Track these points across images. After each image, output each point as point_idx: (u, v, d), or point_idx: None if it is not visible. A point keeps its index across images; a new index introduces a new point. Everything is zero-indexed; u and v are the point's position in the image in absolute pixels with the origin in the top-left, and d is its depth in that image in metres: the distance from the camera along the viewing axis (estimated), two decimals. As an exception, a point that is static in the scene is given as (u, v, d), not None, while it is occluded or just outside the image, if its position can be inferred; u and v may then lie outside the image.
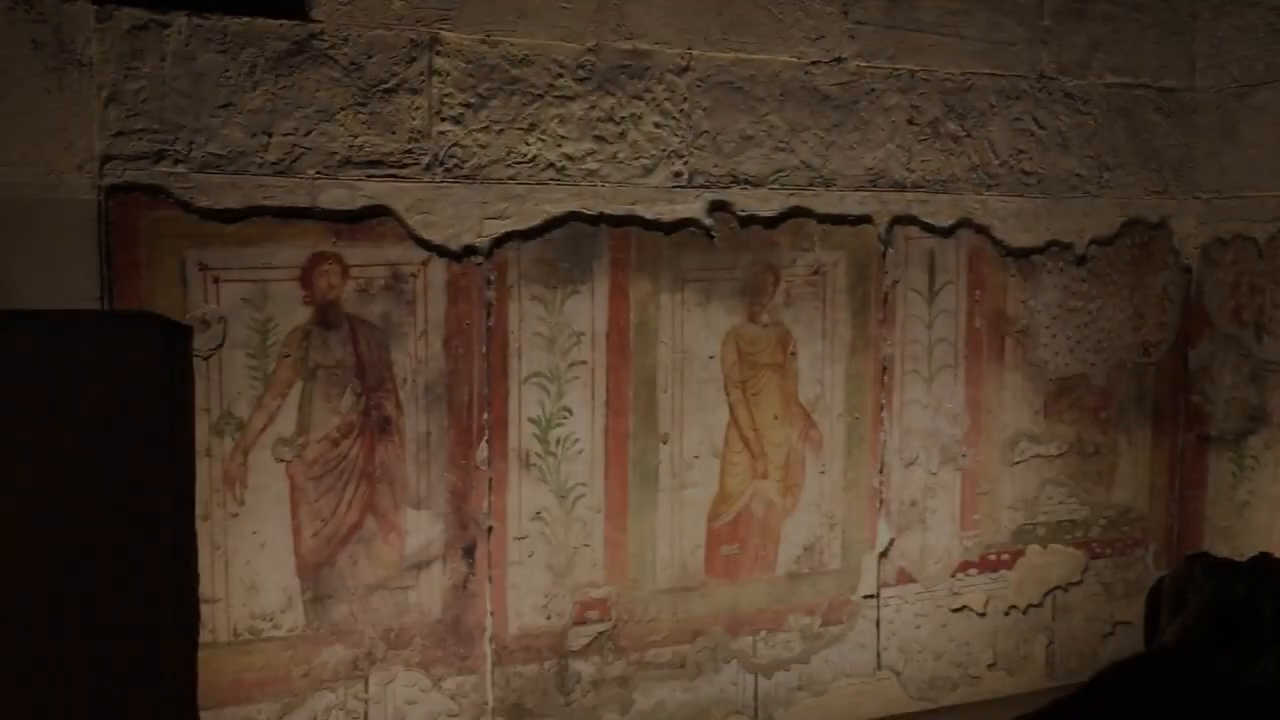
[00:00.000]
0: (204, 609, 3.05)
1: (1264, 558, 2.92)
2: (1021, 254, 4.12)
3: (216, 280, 3.02)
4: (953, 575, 4.10)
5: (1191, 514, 4.45)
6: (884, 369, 3.93)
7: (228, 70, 3.00)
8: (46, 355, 1.71)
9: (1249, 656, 2.67)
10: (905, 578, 4.02)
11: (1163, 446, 4.45)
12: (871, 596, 3.97)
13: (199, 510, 2.95)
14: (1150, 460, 4.43)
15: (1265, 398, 4.14)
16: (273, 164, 3.06)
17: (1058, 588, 4.27)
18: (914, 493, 4.01)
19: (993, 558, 4.17)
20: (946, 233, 3.99)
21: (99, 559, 1.72)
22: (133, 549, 1.72)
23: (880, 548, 3.97)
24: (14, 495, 1.70)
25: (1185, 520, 4.48)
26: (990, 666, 4.18)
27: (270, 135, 3.06)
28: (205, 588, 3.05)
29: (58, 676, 1.72)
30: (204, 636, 3.05)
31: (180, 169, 2.97)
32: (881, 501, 3.96)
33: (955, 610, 4.12)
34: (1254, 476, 4.19)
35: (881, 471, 3.95)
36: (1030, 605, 4.24)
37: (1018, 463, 4.18)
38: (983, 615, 4.16)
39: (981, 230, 4.04)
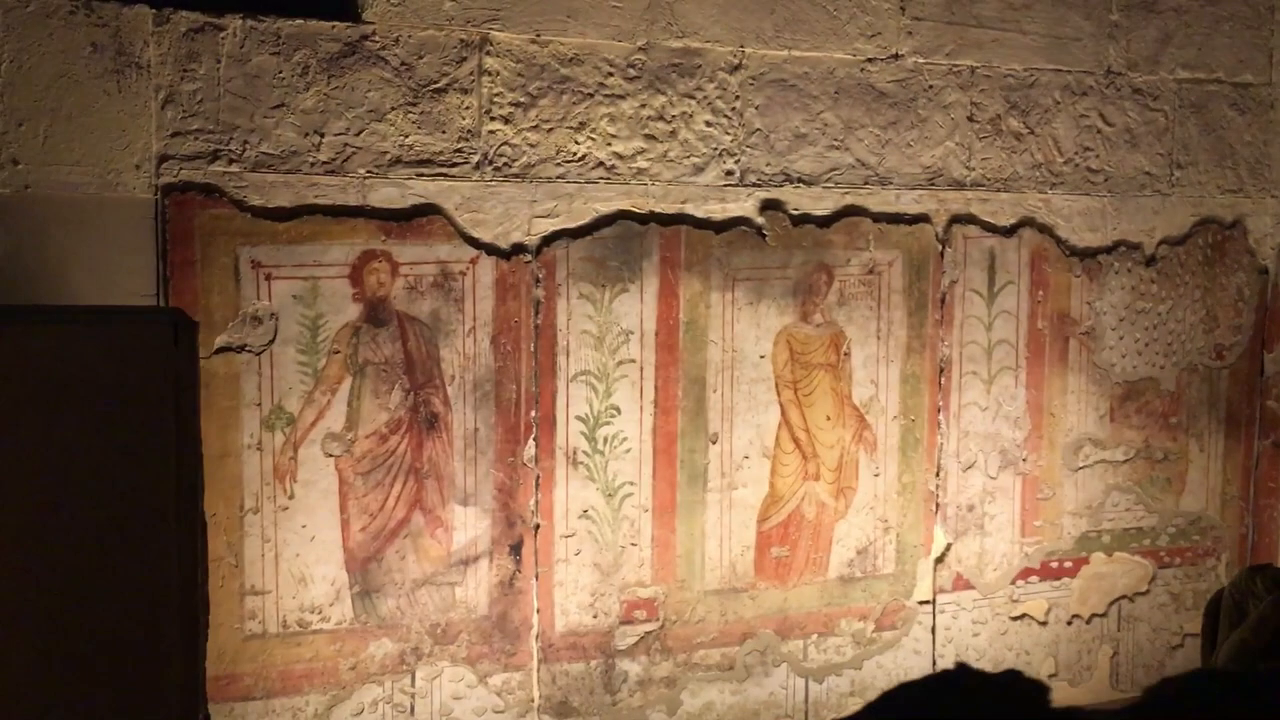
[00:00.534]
0: (254, 600, 3.11)
1: (1331, 569, 2.81)
2: (1087, 254, 4.01)
3: (269, 277, 3.07)
4: (1012, 582, 4.01)
5: (1266, 523, 4.30)
6: (941, 370, 3.86)
7: (281, 71, 3.06)
8: (51, 350, 1.76)
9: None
10: (963, 584, 3.95)
11: (1236, 453, 4.30)
12: (927, 602, 3.90)
13: (249, 503, 3.04)
14: (1223, 467, 4.29)
15: (1345, 404, 3.98)
16: (324, 163, 3.11)
17: (1123, 597, 4.16)
18: (972, 497, 3.93)
19: (1055, 565, 4.07)
20: (1008, 232, 3.90)
21: (102, 548, 1.76)
22: (134, 539, 1.75)
23: (936, 553, 3.90)
24: (18, 486, 1.74)
25: (1259, 530, 4.33)
26: (1051, 677, 4.07)
27: (322, 135, 3.11)
28: (255, 579, 3.11)
29: (64, 667, 1.76)
30: (254, 628, 3.12)
31: (234, 168, 3.03)
32: (938, 505, 3.89)
33: (1015, 618, 4.02)
34: (1333, 486, 4.03)
35: (938, 475, 3.88)
36: (1094, 615, 4.12)
37: (1081, 468, 4.07)
38: (1044, 624, 4.06)
39: (1045, 230, 3.95)
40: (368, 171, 3.16)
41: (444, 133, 3.23)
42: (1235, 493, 4.32)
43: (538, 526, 3.40)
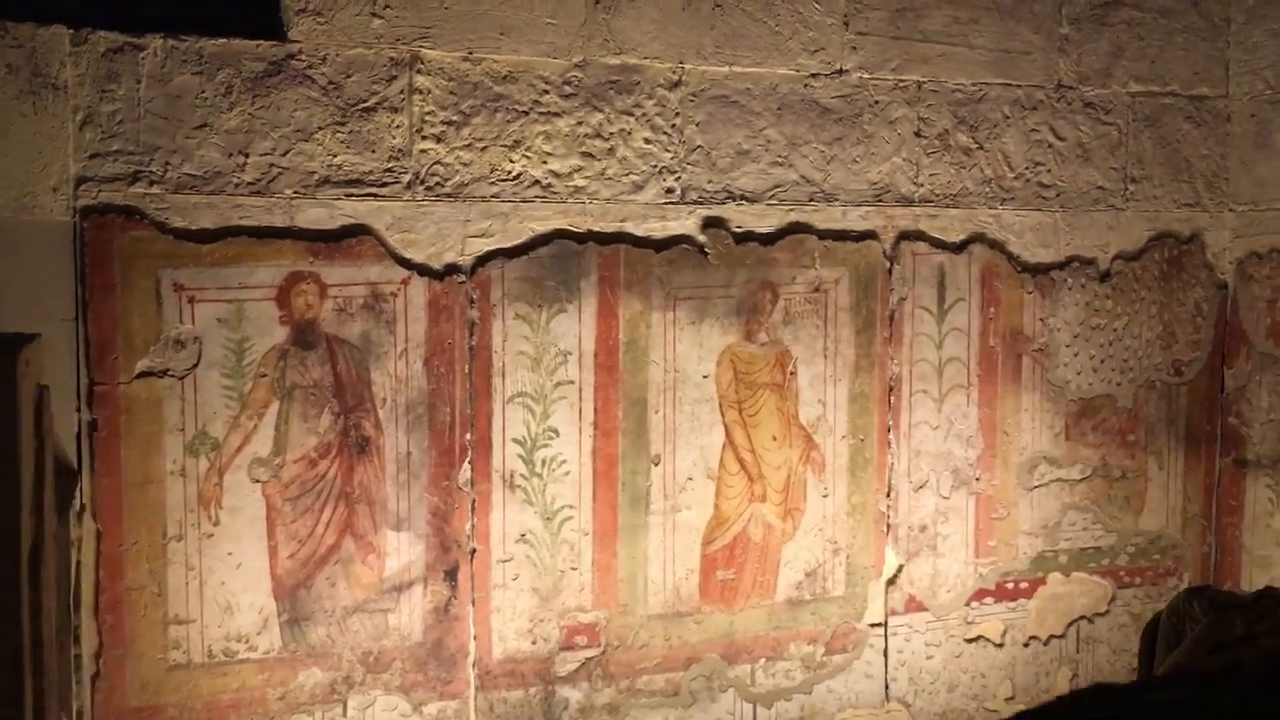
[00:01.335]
0: (178, 630, 3.05)
1: (1270, 592, 2.73)
2: (1040, 270, 3.96)
3: (192, 300, 3.02)
4: (967, 604, 3.95)
5: (1229, 542, 4.23)
6: (890, 389, 3.80)
7: (204, 91, 3.01)
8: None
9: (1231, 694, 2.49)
10: (916, 605, 3.88)
11: (1197, 471, 4.24)
12: (879, 625, 3.84)
13: (173, 530, 2.99)
14: (1183, 485, 4.22)
15: (1303, 420, 3.92)
16: (249, 184, 3.07)
17: (1082, 618, 4.09)
18: (924, 517, 3.87)
19: (1010, 586, 4.00)
20: (957, 248, 3.85)
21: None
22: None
23: (888, 574, 3.84)
24: None
25: (1222, 549, 4.26)
26: (1009, 700, 4.00)
27: (247, 155, 3.06)
28: (179, 608, 3.05)
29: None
30: (178, 658, 3.06)
31: (155, 190, 2.98)
32: (889, 526, 3.83)
33: (970, 640, 3.96)
34: (1292, 504, 3.97)
35: (889, 495, 3.82)
36: (1052, 636, 4.06)
37: (1037, 486, 4.01)
38: (1000, 646, 3.99)
39: (996, 245, 3.90)
40: (295, 192, 3.11)
41: (374, 152, 3.18)
42: (1197, 511, 4.25)
43: (474, 551, 3.34)
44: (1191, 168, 4.15)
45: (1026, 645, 4.03)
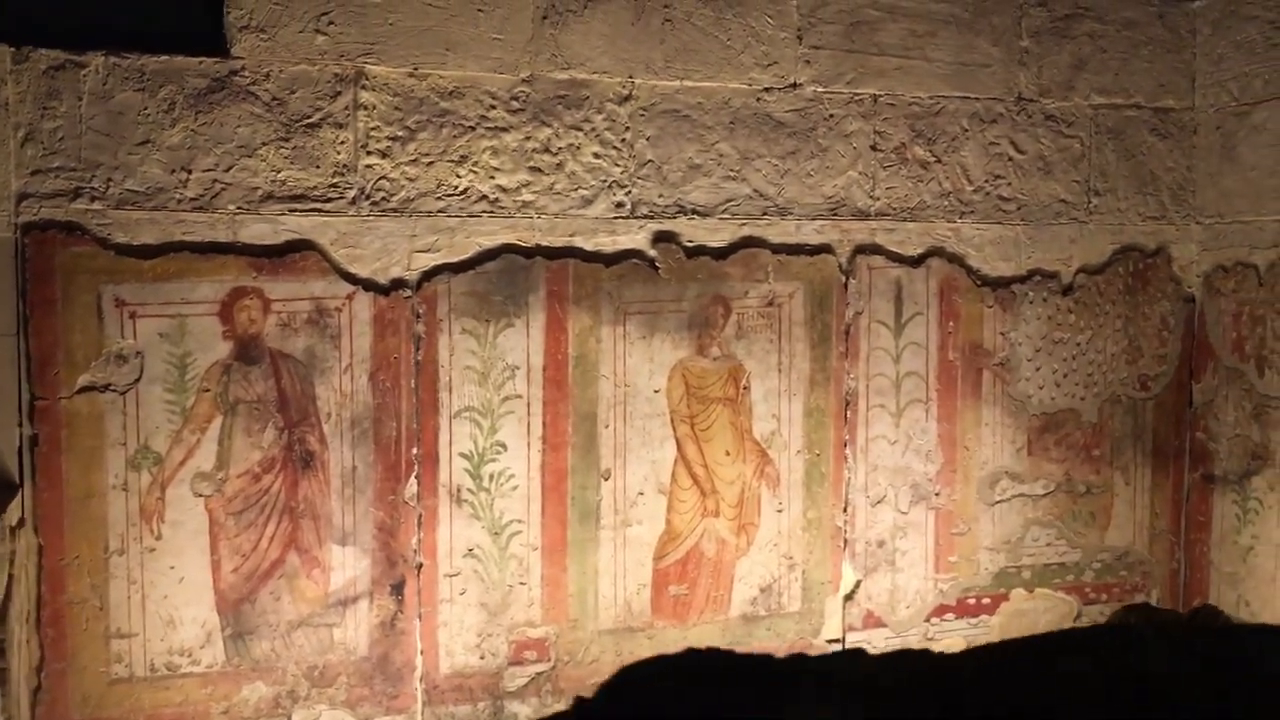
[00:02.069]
0: (120, 644, 3.07)
1: (1206, 610, 2.68)
2: (1000, 283, 3.94)
3: (134, 315, 3.04)
4: (927, 619, 3.92)
5: (1198, 558, 4.19)
6: (847, 404, 3.79)
7: (146, 108, 3.04)
8: None
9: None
10: (874, 621, 3.86)
11: (1165, 486, 4.20)
12: (836, 640, 3.81)
13: (115, 544, 3.00)
14: (1150, 501, 4.18)
15: (1268, 435, 3.88)
16: (192, 200, 3.09)
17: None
18: (882, 532, 3.85)
19: (972, 602, 3.97)
20: (915, 262, 3.84)
21: None
22: None
23: (846, 590, 3.81)
24: None
25: (1191, 566, 4.22)
26: (971, 717, 3.96)
27: (190, 171, 3.08)
28: (120, 622, 3.07)
29: None
30: (120, 671, 3.07)
31: (97, 206, 3.01)
32: (846, 541, 3.81)
33: (930, 657, 3.92)
34: (1258, 520, 3.92)
35: (845, 510, 3.80)
36: (1016, 653, 4.01)
37: (999, 502, 3.98)
38: (962, 662, 3.95)
39: (955, 259, 3.88)
40: (238, 208, 3.13)
41: (318, 168, 3.20)
42: (1165, 527, 4.21)
43: (420, 566, 3.34)
44: (1157, 180, 4.12)
45: (989, 662, 3.98)
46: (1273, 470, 3.85)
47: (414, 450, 3.32)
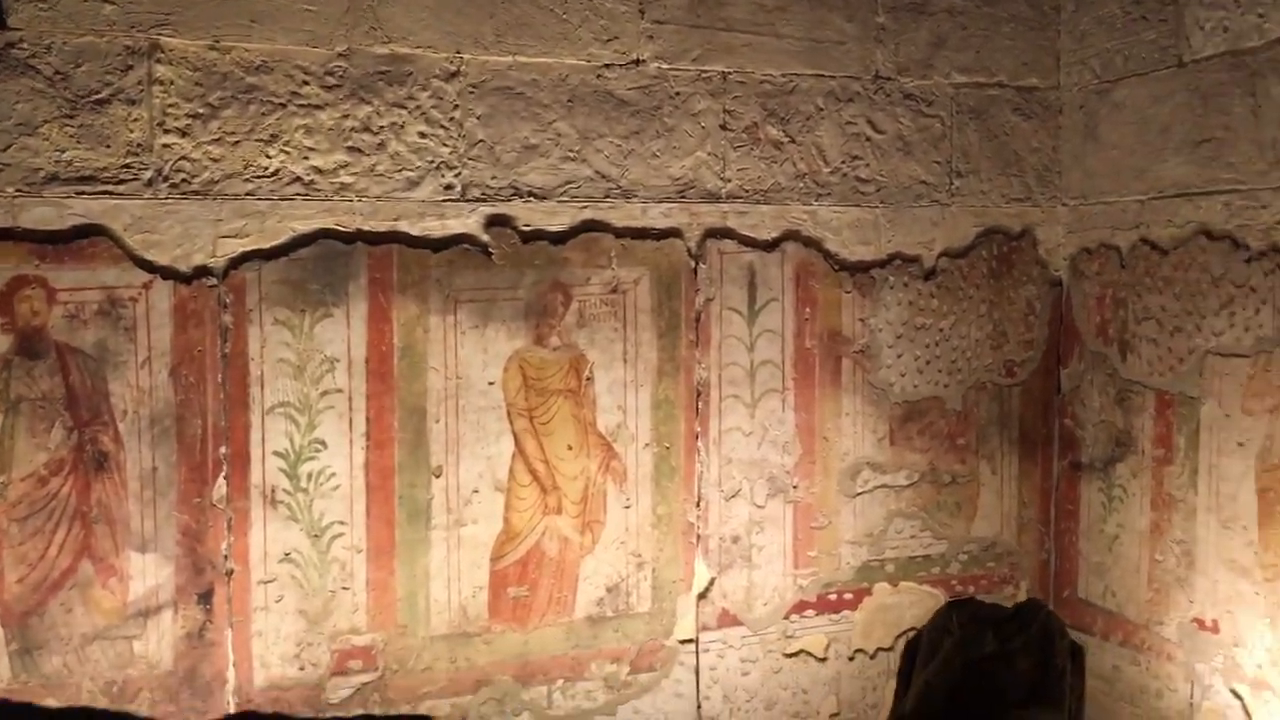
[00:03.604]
0: (-113, 662, 2.83)
1: (1031, 605, 2.57)
2: (859, 268, 3.80)
3: (-102, 307, 2.80)
4: (786, 617, 3.78)
5: (1067, 547, 4.09)
6: (699, 394, 3.63)
7: (-91, 82, 2.80)
8: None
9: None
10: (730, 620, 3.71)
11: (1033, 475, 4.10)
12: (690, 641, 3.66)
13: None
14: (1018, 490, 4.08)
15: (1130, 421, 3.78)
16: (-36, 182, 2.85)
17: (912, 629, 3.92)
18: (737, 528, 3.70)
19: (833, 597, 3.84)
20: (769, 246, 3.69)
21: None
22: None
23: (699, 588, 3.66)
24: None
25: (1060, 555, 4.12)
26: (833, 716, 3.84)
27: (-38, 151, 2.84)
28: (-113, 639, 2.83)
29: None
30: (-112, 692, 2.83)
31: None
32: (699, 537, 3.66)
33: (790, 655, 3.79)
34: (1122, 508, 3.82)
35: (698, 505, 3.65)
36: (880, 649, 3.89)
37: (860, 493, 3.85)
38: (823, 660, 3.83)
39: (811, 243, 3.74)
40: (17, 190, 2.90)
41: (109, 147, 2.97)
42: (1033, 516, 4.11)
43: (231, 572, 3.13)
44: (1021, 161, 4.01)
45: (852, 659, 3.86)
46: (1136, 457, 3.76)
47: (222, 449, 3.11)
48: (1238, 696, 3.39)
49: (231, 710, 3.13)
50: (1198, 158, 3.50)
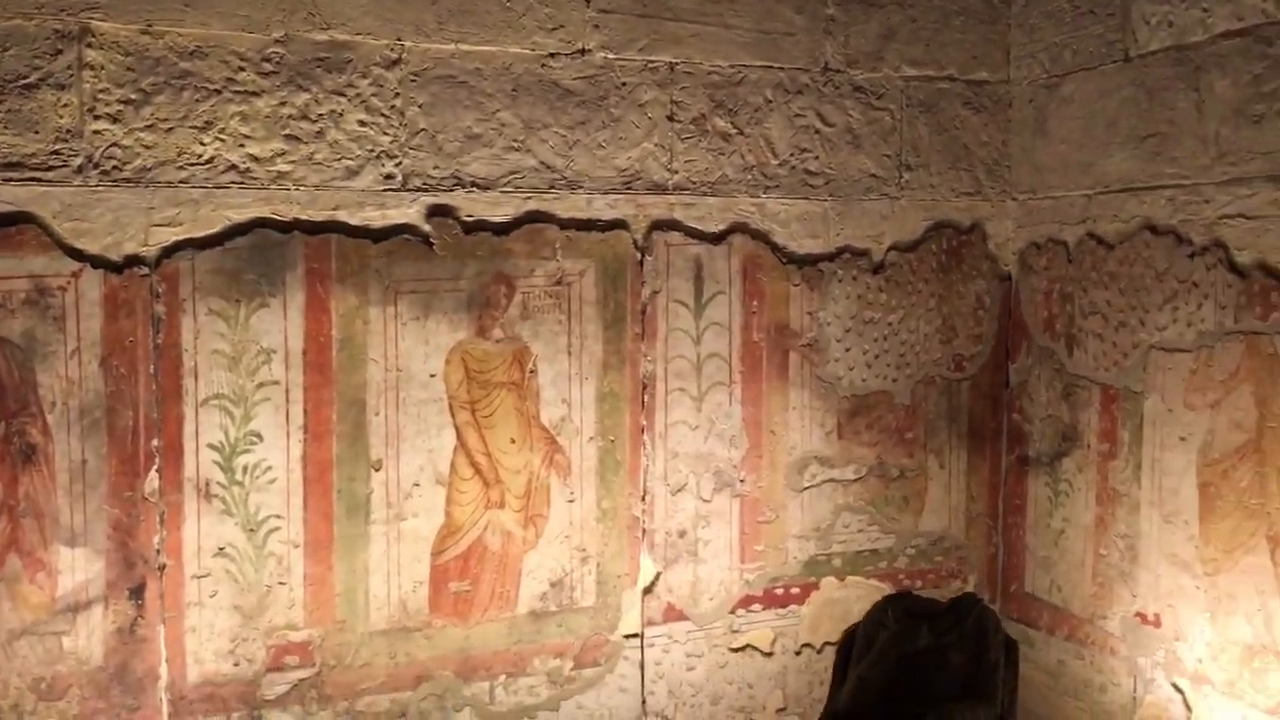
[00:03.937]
0: None
1: (966, 599, 2.57)
2: (808, 261, 3.78)
3: None
4: (732, 611, 3.76)
5: (1015, 542, 4.10)
6: (644, 387, 3.60)
7: None
8: None
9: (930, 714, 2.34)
10: (675, 614, 3.69)
11: (981, 469, 4.10)
12: (635, 636, 3.63)
13: None
14: (966, 484, 4.08)
15: (1076, 416, 3.79)
16: (-115, 167, 2.78)
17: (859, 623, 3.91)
18: (683, 522, 3.68)
19: (780, 592, 3.82)
20: (716, 239, 3.66)
21: None
22: None
23: (644, 582, 3.64)
24: None
25: (1008, 550, 4.13)
26: (780, 711, 3.83)
27: (-118, 135, 2.77)
28: None
29: None
30: None
31: None
32: (644, 532, 3.63)
33: (736, 650, 3.77)
34: (1068, 503, 3.83)
35: (644, 499, 3.62)
36: (827, 643, 3.88)
37: (808, 488, 3.84)
38: (769, 655, 3.81)
39: (759, 236, 3.72)
40: (-59, 176, 2.83)
41: (37, 133, 2.91)
42: (981, 510, 4.11)
43: (163, 567, 3.08)
44: (971, 155, 4.01)
45: (799, 653, 3.85)
46: (1081, 452, 3.77)
47: (154, 442, 3.05)
48: (1179, 690, 3.40)
49: (165, 707, 3.07)
50: (1143, 152, 3.50)
